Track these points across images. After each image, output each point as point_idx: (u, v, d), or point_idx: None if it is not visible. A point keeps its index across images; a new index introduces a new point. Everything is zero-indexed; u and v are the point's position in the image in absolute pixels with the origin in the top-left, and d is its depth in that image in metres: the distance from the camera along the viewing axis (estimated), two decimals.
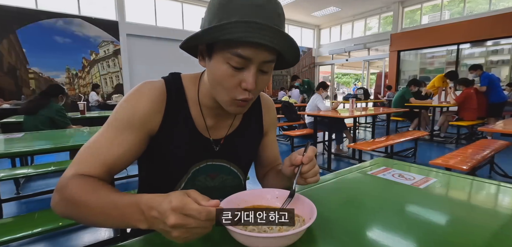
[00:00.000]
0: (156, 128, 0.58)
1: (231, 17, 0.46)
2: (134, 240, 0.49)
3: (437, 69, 8.13)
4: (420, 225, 0.54)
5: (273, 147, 0.78)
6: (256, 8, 0.46)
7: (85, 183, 0.49)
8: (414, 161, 3.72)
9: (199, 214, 0.38)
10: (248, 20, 0.45)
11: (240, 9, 0.46)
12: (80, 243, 1.79)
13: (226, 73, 0.50)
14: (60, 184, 0.49)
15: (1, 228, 1.27)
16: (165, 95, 0.59)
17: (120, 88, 7.62)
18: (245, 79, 0.50)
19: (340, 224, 0.54)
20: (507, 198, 0.69)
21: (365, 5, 9.21)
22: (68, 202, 0.47)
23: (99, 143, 0.54)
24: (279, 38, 0.47)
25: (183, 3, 8.47)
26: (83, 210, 0.46)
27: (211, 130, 0.64)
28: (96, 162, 0.53)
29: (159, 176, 0.65)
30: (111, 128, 0.55)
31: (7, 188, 2.64)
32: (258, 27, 0.45)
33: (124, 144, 0.54)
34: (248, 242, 0.43)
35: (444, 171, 0.90)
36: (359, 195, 0.72)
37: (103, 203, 0.45)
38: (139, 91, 0.57)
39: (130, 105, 0.55)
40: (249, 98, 0.53)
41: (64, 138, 1.80)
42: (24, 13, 6.21)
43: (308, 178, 0.56)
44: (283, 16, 0.51)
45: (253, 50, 0.48)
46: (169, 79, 0.62)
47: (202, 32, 0.48)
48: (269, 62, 0.51)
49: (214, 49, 0.51)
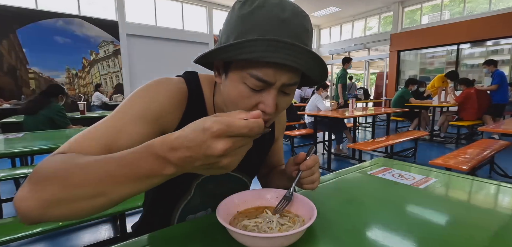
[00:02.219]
0: (171, 128, 0.53)
1: (252, 32, 0.41)
2: (134, 240, 0.49)
3: (437, 69, 8.13)
4: (420, 225, 0.54)
5: (280, 151, 0.78)
6: (280, 23, 0.41)
7: (70, 155, 0.39)
8: (414, 161, 3.72)
9: (251, 131, 0.32)
10: (270, 38, 0.39)
11: (262, 24, 0.41)
12: (80, 243, 1.79)
13: (242, 94, 0.45)
14: (35, 168, 0.36)
15: (1, 228, 1.26)
16: (186, 95, 0.55)
17: (120, 88, 7.62)
18: (264, 102, 0.45)
19: (340, 224, 0.54)
20: (507, 198, 0.69)
21: (365, 5, 9.21)
22: (46, 181, 0.34)
23: (105, 126, 0.46)
24: (305, 58, 0.41)
25: (183, 3, 8.46)
26: (68, 183, 0.33)
27: None
28: (97, 144, 0.43)
29: (166, 181, 0.60)
30: (122, 115, 0.48)
31: (7, 188, 2.64)
32: (281, 46, 0.39)
33: (134, 134, 0.47)
34: (248, 242, 0.43)
35: (444, 171, 0.90)
36: (359, 195, 0.72)
37: (98, 164, 0.34)
38: (159, 84, 0.52)
39: (148, 96, 0.50)
40: (267, 120, 0.48)
41: (64, 138, 1.80)
42: (24, 13, 6.21)
43: (304, 184, 0.57)
44: (311, 31, 0.46)
45: (274, 71, 0.42)
46: (189, 79, 0.57)
47: (217, 50, 0.42)
48: (292, 85, 0.46)
49: (230, 66, 0.46)
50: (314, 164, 0.56)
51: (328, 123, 3.67)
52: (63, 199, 0.33)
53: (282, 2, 0.43)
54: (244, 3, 0.43)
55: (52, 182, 0.34)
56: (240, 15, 0.43)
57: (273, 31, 0.41)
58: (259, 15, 0.41)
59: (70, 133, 2.04)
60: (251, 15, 0.42)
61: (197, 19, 8.79)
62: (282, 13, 0.41)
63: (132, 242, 0.48)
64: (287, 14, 0.42)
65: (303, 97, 7.56)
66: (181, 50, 8.45)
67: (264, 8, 0.42)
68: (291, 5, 0.43)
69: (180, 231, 0.52)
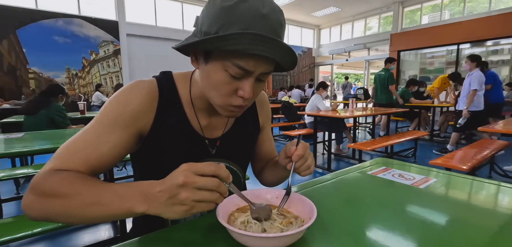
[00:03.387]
0: (147, 127, 0.56)
1: (234, 24, 0.44)
2: (134, 240, 0.49)
3: (437, 69, 8.13)
4: (420, 225, 0.54)
5: (269, 141, 0.79)
6: (261, 19, 0.45)
7: (67, 174, 0.45)
8: (414, 161, 3.72)
9: (210, 169, 0.40)
10: (254, 32, 0.43)
11: (245, 18, 0.44)
12: (80, 243, 1.79)
13: (223, 80, 0.50)
14: (33, 182, 0.45)
15: (1, 228, 1.27)
16: (157, 94, 0.57)
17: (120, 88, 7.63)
18: (243, 88, 0.50)
19: (340, 224, 0.54)
20: (507, 198, 0.69)
21: (365, 5, 9.21)
22: (46, 197, 0.43)
23: (82, 139, 0.51)
24: (282, 51, 0.46)
25: (183, 3, 8.47)
26: (65, 203, 0.42)
27: (206, 129, 0.63)
28: (78, 159, 0.49)
29: (154, 177, 0.63)
30: (98, 124, 0.52)
31: (7, 188, 2.64)
32: (263, 40, 0.43)
33: (111, 141, 0.51)
34: (248, 242, 0.43)
35: (444, 171, 0.90)
36: (359, 195, 0.72)
37: (90, 192, 0.42)
38: (130, 88, 0.55)
39: (120, 102, 0.54)
40: (244, 105, 0.54)
41: (64, 138, 1.80)
42: (24, 13, 6.21)
43: (301, 172, 0.59)
44: (285, 24, 0.50)
45: (255, 62, 0.47)
46: (161, 78, 0.60)
47: (204, 41, 0.46)
48: (268, 73, 0.51)
49: (212, 54, 0.49)
50: (305, 151, 0.58)
51: (328, 123, 3.67)
52: (55, 217, 0.44)
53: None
54: None
55: (48, 204, 0.43)
56: (224, 6, 0.45)
57: (255, 25, 0.44)
58: (242, 9, 0.44)
59: (70, 133, 2.04)
60: (234, 8, 0.44)
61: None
62: (262, 9, 0.45)
63: (132, 242, 0.48)
64: (267, 9, 0.45)
65: (303, 97, 7.57)
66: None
67: (246, 3, 0.45)
68: (269, 0, 0.47)
69: (180, 231, 0.52)
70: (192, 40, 0.48)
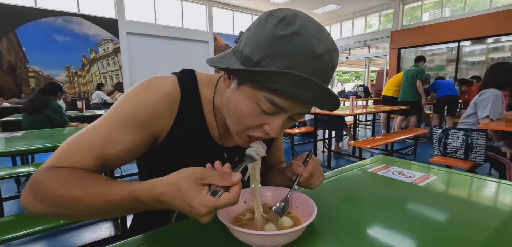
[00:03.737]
0: (163, 132, 0.52)
1: (280, 58, 0.39)
2: (135, 238, 0.49)
3: (437, 67, 8.11)
4: (420, 222, 0.54)
5: (280, 149, 0.77)
6: (313, 59, 0.39)
7: (66, 174, 0.42)
8: (414, 159, 3.73)
9: (233, 203, 0.38)
10: (300, 74, 0.37)
11: (294, 54, 0.39)
12: (81, 241, 1.80)
13: (251, 113, 0.44)
14: (33, 180, 0.42)
15: (3, 227, 1.27)
16: (179, 96, 0.52)
17: (120, 86, 7.62)
18: (271, 125, 0.45)
19: (340, 221, 0.54)
20: (506, 196, 0.69)
21: (365, 2, 9.17)
22: (46, 198, 0.41)
23: (91, 136, 0.46)
24: (326, 97, 0.41)
25: (183, 1, 8.44)
26: (66, 206, 0.40)
27: (225, 138, 0.59)
28: (84, 156, 0.45)
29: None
30: (110, 122, 0.47)
31: (8, 186, 2.64)
32: (308, 85, 0.38)
33: (122, 143, 0.47)
34: (248, 240, 0.43)
35: (444, 168, 0.90)
36: (360, 192, 0.72)
37: (91, 197, 0.40)
38: (149, 86, 0.50)
39: (136, 101, 0.48)
40: (265, 138, 0.48)
41: (65, 137, 1.80)
42: (23, 11, 6.19)
43: (307, 187, 0.57)
44: (336, 65, 0.45)
45: (292, 103, 0.42)
46: (183, 77, 0.54)
47: (241, 71, 0.41)
48: (303, 114, 0.47)
49: (246, 81, 0.44)
50: (313, 169, 0.54)
51: (328, 121, 3.67)
52: (57, 216, 0.43)
53: (319, 32, 0.41)
54: (280, 22, 0.40)
55: (49, 205, 0.41)
56: (275, 35, 0.39)
57: (304, 65, 0.39)
58: (295, 44, 0.39)
59: (69, 132, 2.04)
60: (285, 40, 0.39)
61: (196, 17, 8.76)
62: (318, 47, 0.39)
63: (133, 240, 0.48)
64: (322, 49, 0.40)
65: None
66: (181, 48, 8.44)
67: (302, 37, 0.39)
68: (326, 38, 0.42)
69: (181, 229, 0.52)
70: (228, 66, 0.43)
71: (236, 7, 9.39)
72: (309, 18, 0.42)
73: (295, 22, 0.40)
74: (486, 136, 2.01)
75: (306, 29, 0.40)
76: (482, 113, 2.07)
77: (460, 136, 2.10)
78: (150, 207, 0.39)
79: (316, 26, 0.41)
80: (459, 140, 2.11)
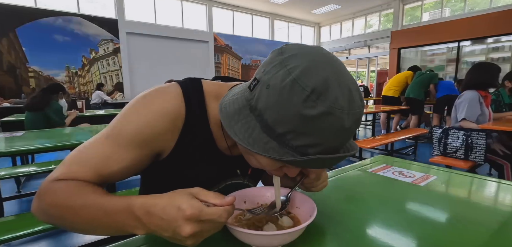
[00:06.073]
0: (167, 149, 0.50)
1: (307, 135, 0.37)
2: (135, 238, 0.49)
3: (437, 67, 8.11)
4: (420, 223, 0.54)
5: None
6: (341, 133, 0.37)
7: (69, 185, 0.43)
8: (415, 159, 3.73)
9: (220, 217, 0.36)
10: (328, 157, 0.37)
11: (323, 131, 0.36)
12: (81, 241, 1.80)
13: (273, 166, 0.44)
14: (41, 188, 0.44)
15: (3, 226, 1.27)
16: (184, 113, 0.49)
17: (120, 86, 7.61)
18: (289, 172, 0.46)
19: (340, 221, 0.54)
20: (506, 196, 0.69)
21: (365, 2, 9.18)
22: (50, 207, 0.42)
23: (94, 151, 0.47)
24: (339, 160, 0.41)
25: (183, 1, 8.44)
26: (67, 216, 0.41)
27: (233, 148, 0.57)
28: (86, 171, 0.45)
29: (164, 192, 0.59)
30: (110, 141, 0.47)
31: (8, 186, 2.64)
32: (330, 159, 0.38)
33: (124, 160, 0.47)
34: (248, 239, 0.43)
35: (444, 168, 0.90)
36: (360, 192, 0.72)
37: (90, 208, 0.40)
38: (151, 102, 0.47)
39: (140, 118, 0.46)
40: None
41: (65, 137, 1.80)
42: (23, 11, 6.19)
43: (314, 188, 0.56)
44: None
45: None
46: (188, 88, 0.51)
47: (265, 149, 0.38)
48: None
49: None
50: (321, 172, 0.54)
51: None
52: (60, 225, 0.44)
53: (350, 102, 0.37)
54: (309, 98, 0.35)
55: (52, 214, 0.42)
56: (303, 114, 0.35)
57: (332, 139, 0.38)
58: (325, 123, 0.36)
59: (69, 132, 2.04)
60: (316, 119, 0.35)
61: (197, 17, 8.76)
62: (347, 120, 0.37)
63: (133, 240, 0.48)
64: (350, 121, 0.37)
65: None
66: (181, 48, 8.43)
67: (332, 116, 0.36)
68: (357, 103, 0.38)
69: None
70: (252, 148, 0.38)
71: (236, 7, 9.39)
72: (340, 80, 0.37)
73: (326, 96, 0.35)
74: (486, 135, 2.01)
75: (337, 104, 0.36)
76: (460, 116, 2.16)
77: (460, 136, 2.11)
78: (141, 225, 0.38)
79: (348, 94, 0.37)
80: (459, 140, 2.12)
